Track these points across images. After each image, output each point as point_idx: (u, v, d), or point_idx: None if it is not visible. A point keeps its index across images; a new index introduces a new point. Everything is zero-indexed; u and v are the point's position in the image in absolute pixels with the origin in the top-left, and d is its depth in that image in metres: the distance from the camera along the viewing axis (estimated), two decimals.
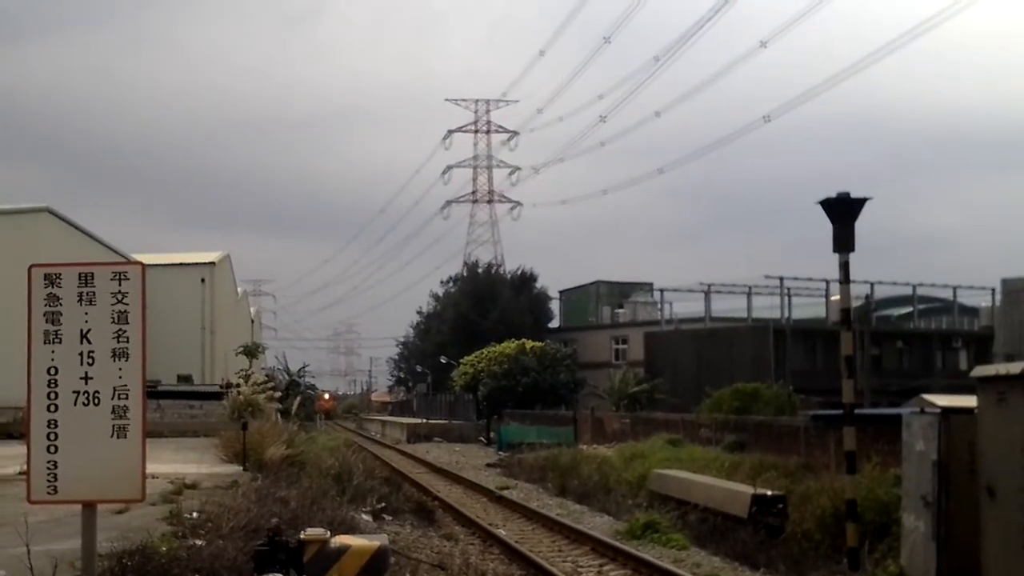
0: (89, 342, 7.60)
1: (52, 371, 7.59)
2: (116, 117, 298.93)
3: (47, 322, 7.61)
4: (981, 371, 13.96)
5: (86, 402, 7.59)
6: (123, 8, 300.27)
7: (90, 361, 7.60)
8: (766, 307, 76.55)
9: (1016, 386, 12.70)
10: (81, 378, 7.60)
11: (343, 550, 8.07)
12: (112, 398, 7.60)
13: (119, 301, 7.61)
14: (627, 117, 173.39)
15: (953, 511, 13.86)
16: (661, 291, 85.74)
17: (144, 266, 7.96)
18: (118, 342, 7.60)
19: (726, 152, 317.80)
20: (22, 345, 7.63)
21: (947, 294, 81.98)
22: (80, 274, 7.65)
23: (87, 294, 7.62)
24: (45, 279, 7.64)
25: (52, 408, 7.59)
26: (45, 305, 7.62)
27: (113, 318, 7.61)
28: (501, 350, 69.97)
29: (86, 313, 7.61)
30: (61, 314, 7.61)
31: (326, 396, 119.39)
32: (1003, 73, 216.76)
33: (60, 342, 7.60)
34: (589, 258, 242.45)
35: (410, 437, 68.79)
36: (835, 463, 22.17)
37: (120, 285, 7.62)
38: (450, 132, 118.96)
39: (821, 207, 17.39)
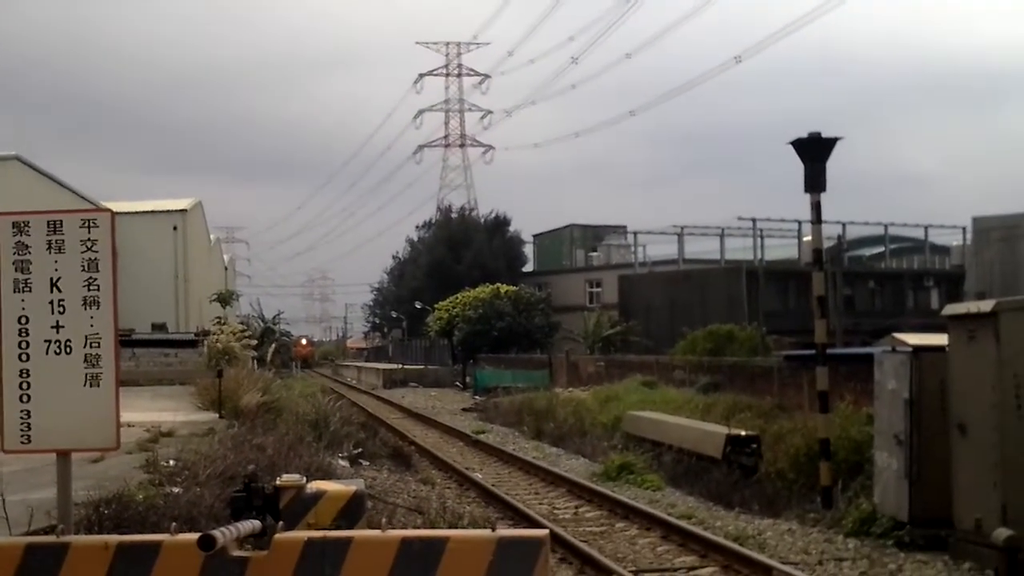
0: (59, 290, 7.55)
1: (22, 320, 7.55)
2: (85, 66, 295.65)
3: (16, 271, 7.56)
4: (952, 309, 14.05)
5: (57, 351, 7.55)
6: None
7: (61, 310, 7.55)
8: (739, 249, 76.62)
9: (986, 324, 12.79)
10: (52, 327, 7.55)
11: (319, 495, 8.08)
12: (84, 347, 7.56)
13: (88, 249, 7.55)
14: (598, 59, 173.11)
15: (925, 449, 13.98)
16: (635, 234, 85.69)
17: (113, 213, 7.90)
18: (88, 290, 7.55)
19: (699, 94, 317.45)
20: None
21: (919, 233, 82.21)
22: (48, 222, 7.58)
23: (56, 242, 7.55)
24: (13, 227, 7.57)
25: (23, 358, 7.55)
26: (14, 254, 7.56)
27: (83, 266, 7.55)
28: (476, 295, 69.93)
29: (55, 261, 7.55)
30: (30, 262, 7.55)
31: (303, 342, 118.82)
32: (978, 13, 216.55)
33: (30, 291, 7.55)
34: (562, 202, 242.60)
35: (386, 383, 68.83)
36: (808, 403, 22.32)
37: (89, 232, 7.56)
38: (421, 76, 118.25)
39: (792, 147, 17.38)
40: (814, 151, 17.31)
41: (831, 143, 17.36)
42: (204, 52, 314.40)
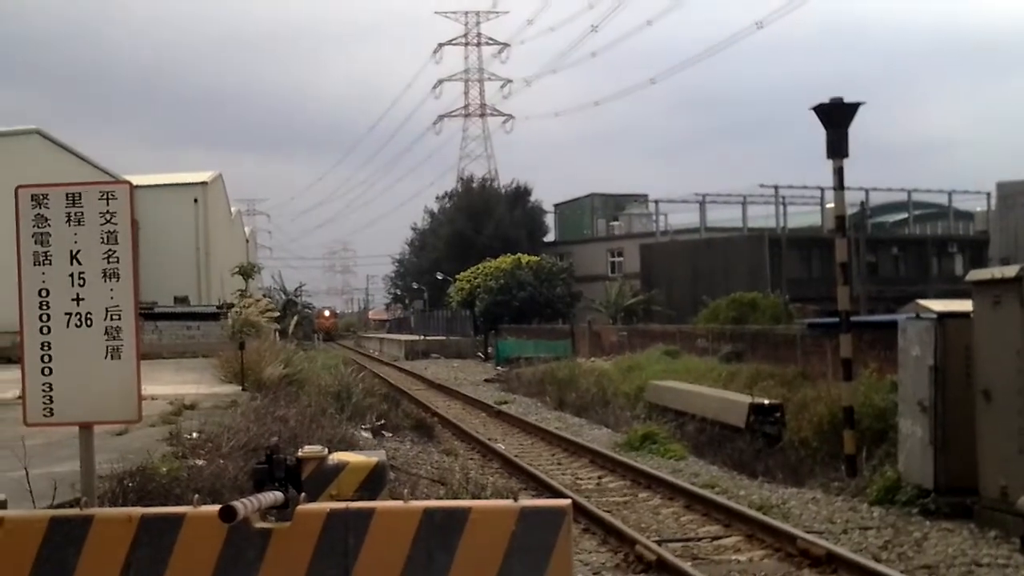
0: (79, 263, 7.52)
1: (43, 293, 7.53)
2: (106, 41, 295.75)
3: (36, 244, 7.53)
4: (976, 275, 13.94)
5: (78, 323, 7.53)
6: None
7: (81, 282, 7.52)
8: (761, 216, 76.48)
9: (1011, 289, 12.69)
10: (72, 299, 7.53)
11: (341, 467, 8.06)
12: (104, 319, 7.54)
13: (108, 221, 7.51)
14: (618, 27, 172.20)
15: (950, 416, 13.90)
16: (656, 202, 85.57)
17: (132, 185, 7.87)
18: (108, 262, 7.52)
19: (720, 61, 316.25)
20: (15, 268, 7.56)
21: (942, 199, 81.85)
22: (68, 194, 7.54)
23: (75, 214, 7.52)
24: (32, 200, 7.54)
25: (45, 330, 7.54)
26: (33, 227, 7.53)
27: (102, 238, 7.52)
28: (497, 265, 69.91)
29: (75, 234, 7.52)
30: (50, 235, 7.52)
31: (326, 313, 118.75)
32: None
33: (50, 264, 7.52)
34: (583, 171, 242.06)
35: (408, 354, 68.95)
36: (832, 371, 22.25)
37: (108, 205, 7.52)
38: (440, 45, 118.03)
39: (815, 113, 17.25)
40: (836, 116, 17.19)
41: (853, 108, 17.23)
42: (225, 24, 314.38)
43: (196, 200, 61.24)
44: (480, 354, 63.85)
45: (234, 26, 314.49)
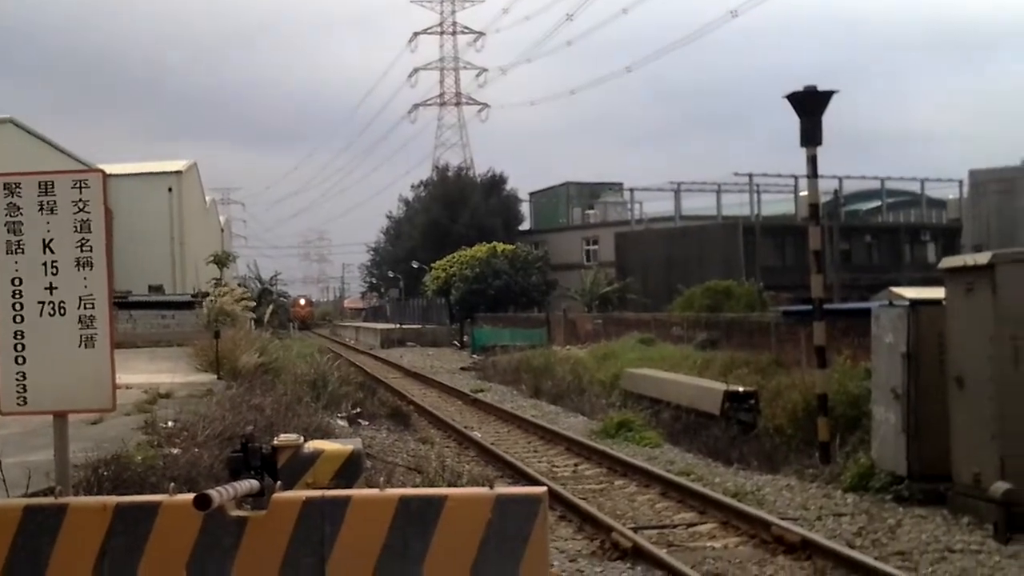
0: (52, 252, 7.50)
1: (16, 282, 7.50)
2: (81, 31, 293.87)
3: (9, 232, 7.50)
4: (949, 262, 14.02)
5: (52, 312, 7.51)
6: None
7: (54, 271, 7.50)
8: (736, 205, 76.53)
9: (983, 276, 12.77)
10: (46, 288, 7.51)
11: (317, 455, 8.06)
12: (78, 308, 7.52)
13: (81, 210, 7.49)
14: (594, 15, 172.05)
15: (922, 402, 13.98)
16: (631, 191, 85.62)
17: (105, 173, 7.84)
18: (81, 251, 7.50)
19: (695, 50, 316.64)
20: None
21: (915, 187, 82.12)
22: (40, 183, 7.52)
23: (48, 203, 7.50)
24: (5, 189, 7.52)
25: (18, 319, 7.52)
26: (6, 215, 7.50)
27: (75, 227, 7.50)
28: (472, 254, 69.85)
29: (48, 222, 7.50)
30: (22, 224, 7.49)
31: (302, 302, 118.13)
32: None
33: (23, 252, 7.50)
34: (558, 159, 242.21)
35: (384, 342, 68.89)
36: (806, 358, 22.34)
37: (81, 193, 7.50)
38: (416, 34, 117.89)
39: (788, 101, 17.30)
40: (810, 105, 17.24)
41: (827, 96, 17.29)
42: (198, 15, 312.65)
43: (170, 189, 61.04)
44: (456, 342, 63.83)
45: (208, 17, 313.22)
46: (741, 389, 20.95)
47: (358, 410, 24.21)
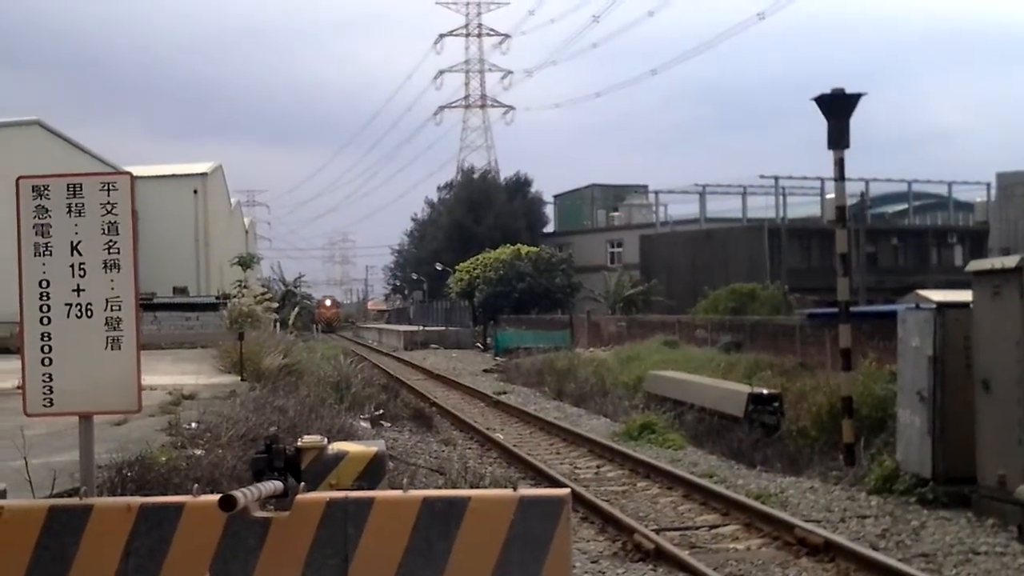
0: (80, 254, 7.52)
1: (44, 284, 7.53)
2: (108, 31, 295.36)
3: (37, 234, 7.52)
4: (976, 265, 13.97)
5: (79, 314, 7.53)
6: None
7: (81, 273, 7.52)
8: (761, 207, 76.32)
9: (1011, 279, 12.71)
10: (73, 290, 7.53)
11: (340, 456, 8.08)
12: (105, 310, 7.54)
13: (108, 212, 7.51)
14: (620, 17, 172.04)
15: (948, 405, 13.93)
16: (656, 193, 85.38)
17: (132, 176, 7.86)
18: (109, 253, 7.52)
19: (721, 52, 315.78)
20: (16, 259, 7.56)
21: (942, 190, 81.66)
22: (68, 185, 7.54)
23: (76, 205, 7.52)
24: (33, 191, 7.54)
25: (45, 321, 7.55)
26: (34, 217, 7.53)
27: (103, 229, 7.52)
28: (496, 256, 69.83)
29: (76, 225, 7.51)
30: (50, 226, 7.51)
31: (327, 303, 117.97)
32: None
33: (50, 254, 7.52)
34: (583, 162, 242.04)
35: (407, 344, 68.98)
36: (831, 361, 22.29)
37: (109, 196, 7.52)
38: (441, 36, 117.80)
39: (816, 104, 17.26)
40: (837, 107, 17.21)
41: (854, 99, 17.24)
42: (224, 13, 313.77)
43: (196, 191, 61.27)
44: (479, 344, 63.82)
45: (233, 16, 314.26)
46: (765, 391, 20.90)
47: (381, 412, 24.25)
